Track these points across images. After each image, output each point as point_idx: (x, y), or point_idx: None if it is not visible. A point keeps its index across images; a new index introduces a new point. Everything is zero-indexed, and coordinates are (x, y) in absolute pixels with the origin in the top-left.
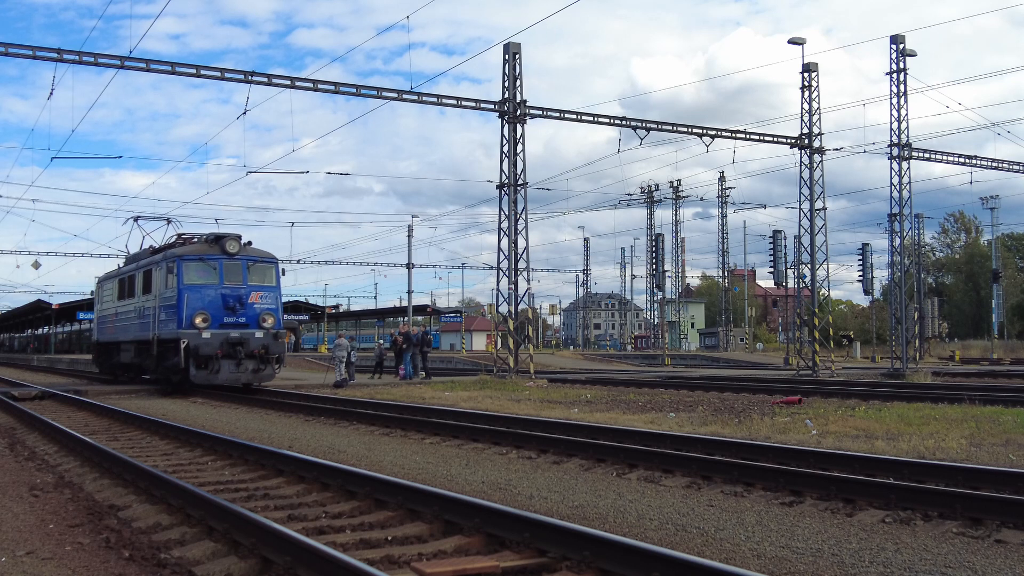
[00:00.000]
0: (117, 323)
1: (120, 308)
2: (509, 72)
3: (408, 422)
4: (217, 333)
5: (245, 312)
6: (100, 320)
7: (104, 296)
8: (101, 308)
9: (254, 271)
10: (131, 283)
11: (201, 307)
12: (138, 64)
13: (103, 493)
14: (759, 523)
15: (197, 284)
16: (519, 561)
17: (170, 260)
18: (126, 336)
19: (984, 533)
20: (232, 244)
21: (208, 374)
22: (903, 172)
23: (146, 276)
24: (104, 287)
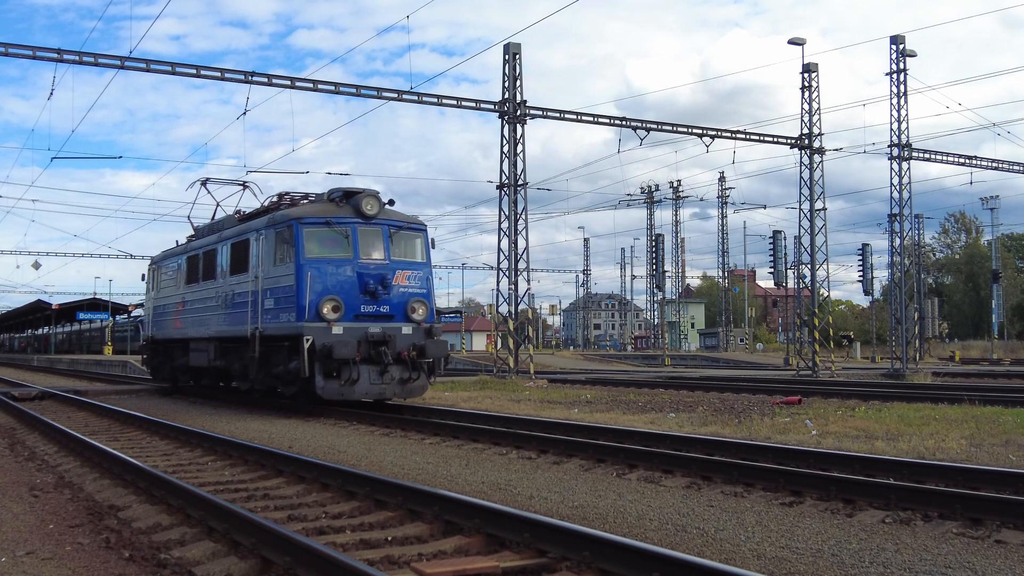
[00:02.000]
0: (186, 315)
1: (191, 295)
2: (509, 72)
3: (408, 422)
4: (353, 327)
5: (388, 298)
6: (156, 312)
7: (163, 281)
8: (157, 296)
9: (398, 241)
10: (210, 261)
11: (330, 291)
12: (138, 64)
13: (103, 493)
14: (759, 523)
15: (323, 259)
16: (519, 561)
17: (282, 225)
18: (201, 331)
19: (984, 533)
20: (370, 203)
21: (341, 385)
22: (903, 172)
23: (238, 250)
24: (162, 270)
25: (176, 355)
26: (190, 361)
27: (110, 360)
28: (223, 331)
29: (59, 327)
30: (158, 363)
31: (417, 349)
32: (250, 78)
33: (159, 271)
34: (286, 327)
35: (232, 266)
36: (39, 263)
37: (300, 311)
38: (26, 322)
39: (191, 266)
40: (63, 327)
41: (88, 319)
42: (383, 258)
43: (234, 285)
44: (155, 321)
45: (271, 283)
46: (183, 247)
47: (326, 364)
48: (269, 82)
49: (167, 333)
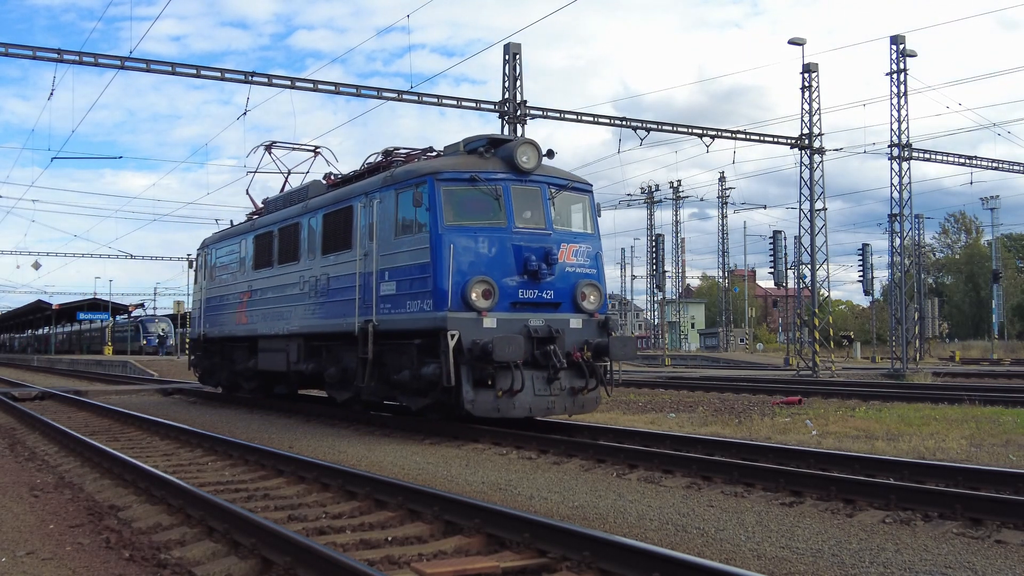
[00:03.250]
0: (254, 307)
1: (261, 282)
2: (509, 72)
3: (408, 422)
4: (508, 319)
5: (552, 281)
6: (210, 304)
7: (219, 268)
8: (210, 286)
9: (561, 205)
10: (290, 238)
11: (479, 270)
12: (138, 64)
13: (103, 493)
14: (759, 523)
15: (468, 227)
16: (519, 561)
17: (409, 183)
18: (277, 326)
19: (984, 533)
20: (527, 153)
21: (498, 398)
22: (903, 172)
23: (334, 222)
24: (218, 254)
25: (237, 356)
26: (259, 364)
27: (110, 360)
28: (311, 326)
29: (59, 327)
30: (211, 365)
31: (593, 348)
32: (250, 78)
33: (213, 256)
34: (418, 319)
35: (326, 242)
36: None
37: (440, 297)
38: (26, 322)
39: (261, 247)
40: (63, 327)
41: (88, 319)
42: (544, 227)
43: (329, 267)
44: (208, 316)
45: (390, 261)
46: (247, 225)
47: (476, 369)
48: (269, 82)
49: (225, 330)
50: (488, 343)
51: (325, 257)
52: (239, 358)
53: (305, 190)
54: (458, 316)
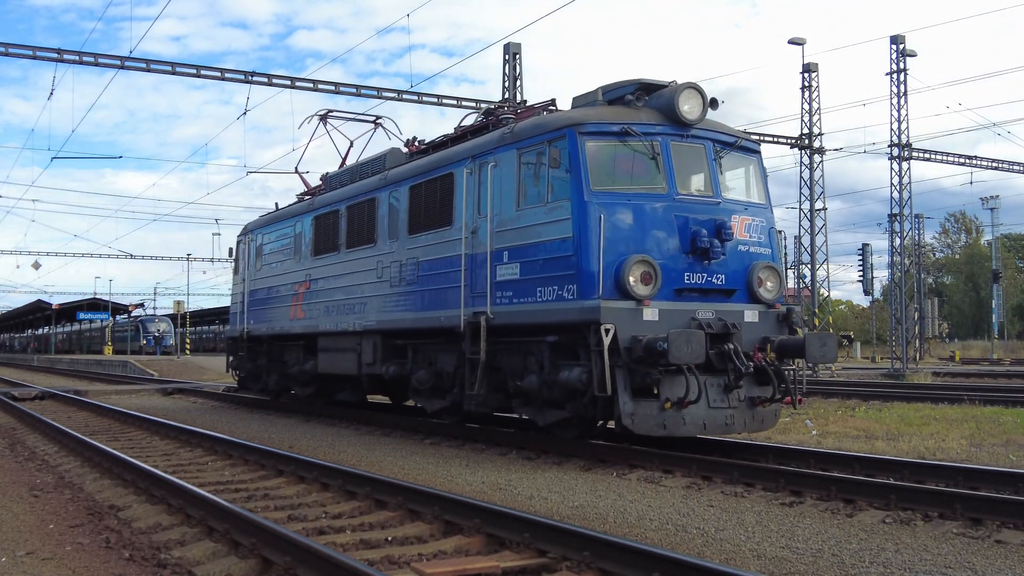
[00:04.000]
0: (313, 299)
1: (322, 270)
2: (509, 72)
3: (408, 422)
4: (672, 310)
5: (724, 262)
6: (255, 298)
7: (266, 254)
8: (256, 277)
9: (728, 169)
10: (362, 217)
11: (637, 247)
12: (138, 64)
13: (103, 493)
14: (759, 523)
15: (620, 193)
16: (519, 561)
17: (539, 139)
18: (345, 321)
19: (984, 533)
20: (690, 101)
21: (664, 410)
22: (903, 172)
23: (425, 194)
24: (265, 240)
25: (290, 357)
26: (319, 365)
27: (110, 360)
28: (394, 320)
29: (59, 327)
30: (255, 368)
31: (777, 348)
32: (250, 78)
33: (258, 242)
34: (553, 309)
35: (414, 220)
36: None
37: (587, 282)
38: (26, 322)
39: (323, 229)
40: (63, 327)
41: (88, 319)
42: (711, 194)
43: (420, 248)
44: (253, 311)
45: (512, 238)
46: (302, 204)
47: (637, 374)
48: (269, 82)
49: (275, 326)
50: (658, 340)
51: (413, 237)
52: (292, 359)
53: (381, 160)
54: (613, 306)
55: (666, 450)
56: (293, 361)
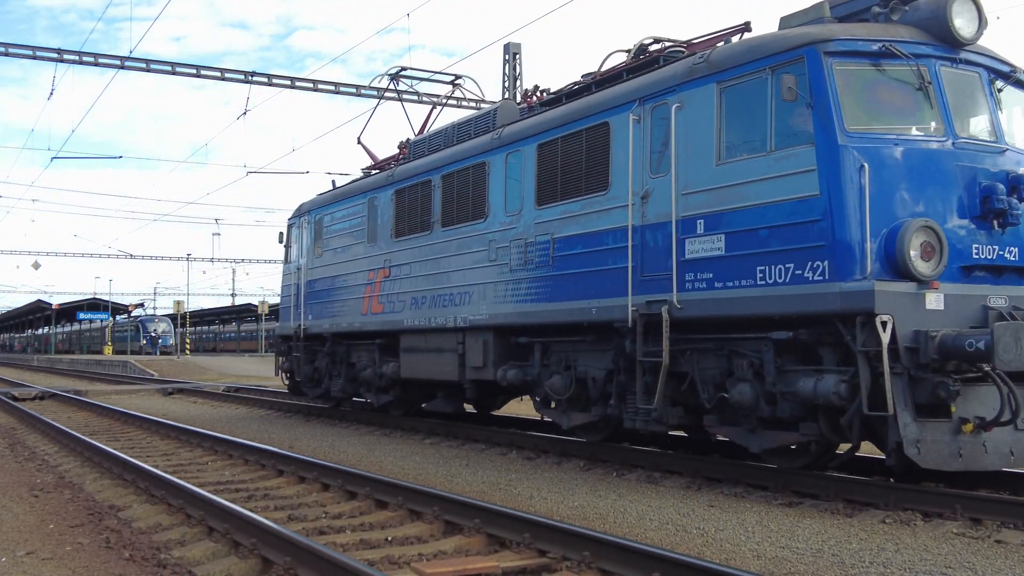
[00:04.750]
0: (397, 288)
1: (406, 253)
2: (509, 72)
3: (408, 422)
4: (960, 295)
5: (1018, 230)
6: (313, 289)
7: (328, 238)
8: (314, 265)
9: (1009, 104)
10: (470, 186)
11: (912, 208)
12: (138, 64)
13: (103, 493)
14: (759, 523)
15: (883, 136)
16: (519, 561)
17: (754, 67)
18: (443, 315)
19: (984, 533)
20: (965, 12)
21: (958, 435)
22: None
23: (566, 152)
24: (330, 220)
25: (360, 358)
26: (402, 369)
27: (110, 360)
28: (515, 313)
29: (59, 327)
30: (313, 371)
31: None
32: (250, 78)
33: (317, 225)
34: (789, 295)
35: (546, 186)
36: (39, 263)
37: (845, 256)
38: (26, 322)
39: (407, 204)
40: (63, 327)
41: (88, 319)
42: (994, 138)
43: (555, 222)
44: (311, 304)
45: (710, 201)
46: (379, 178)
47: (921, 384)
48: (269, 82)
49: (341, 322)
50: (967, 337)
51: (545, 208)
52: (363, 360)
53: (489, 117)
54: (889, 289)
55: (666, 450)
56: (365, 363)
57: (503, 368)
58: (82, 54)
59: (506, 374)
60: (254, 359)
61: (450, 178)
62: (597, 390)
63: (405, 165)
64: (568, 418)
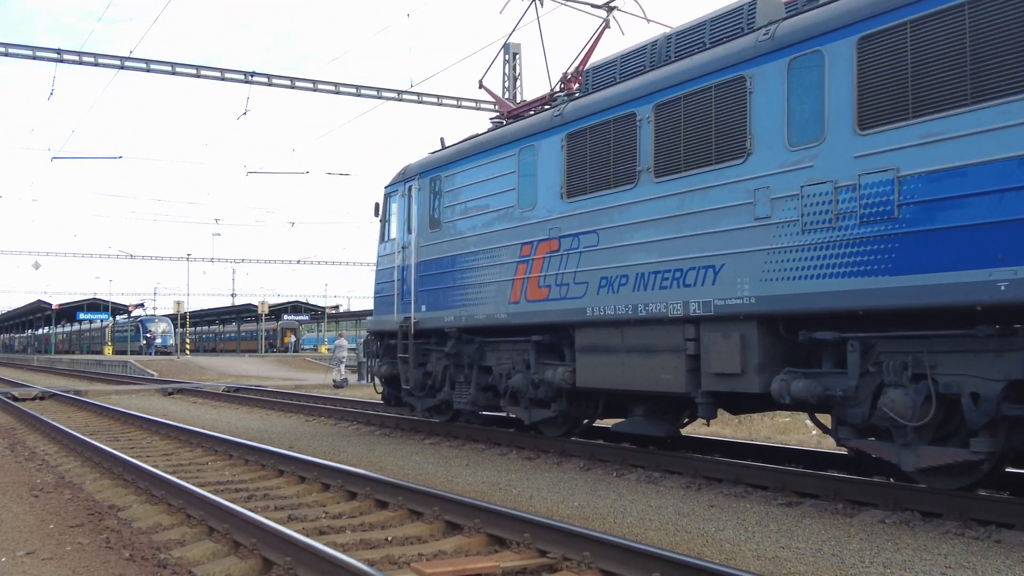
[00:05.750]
0: (567, 267)
1: (581, 220)
2: (509, 72)
3: (408, 422)
4: None
5: None
6: (427, 270)
7: (453, 205)
8: (431, 239)
9: None
10: (701, 118)
11: None
12: (138, 64)
13: (103, 493)
14: (759, 523)
15: None
16: (519, 561)
17: None
18: (659, 300)
19: (984, 533)
20: None
21: None
22: None
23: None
24: (452, 185)
25: (504, 360)
26: (579, 375)
27: (110, 360)
28: (814, 293)
29: (59, 327)
30: (423, 376)
31: None
32: (250, 78)
33: (435, 191)
34: None
35: (876, 100)
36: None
37: None
38: (26, 322)
39: (589, 152)
40: (63, 327)
41: (88, 319)
42: None
43: (912, 152)
44: (425, 291)
45: None
46: (537, 121)
47: None
48: (269, 82)
49: (477, 313)
50: None
51: (880, 131)
52: (507, 363)
53: (740, 14)
54: None
55: (666, 451)
56: (509, 367)
57: (781, 377)
58: (82, 54)
59: (789, 387)
60: (254, 359)
61: (671, 107)
62: (983, 415)
63: (581, 100)
64: (916, 456)
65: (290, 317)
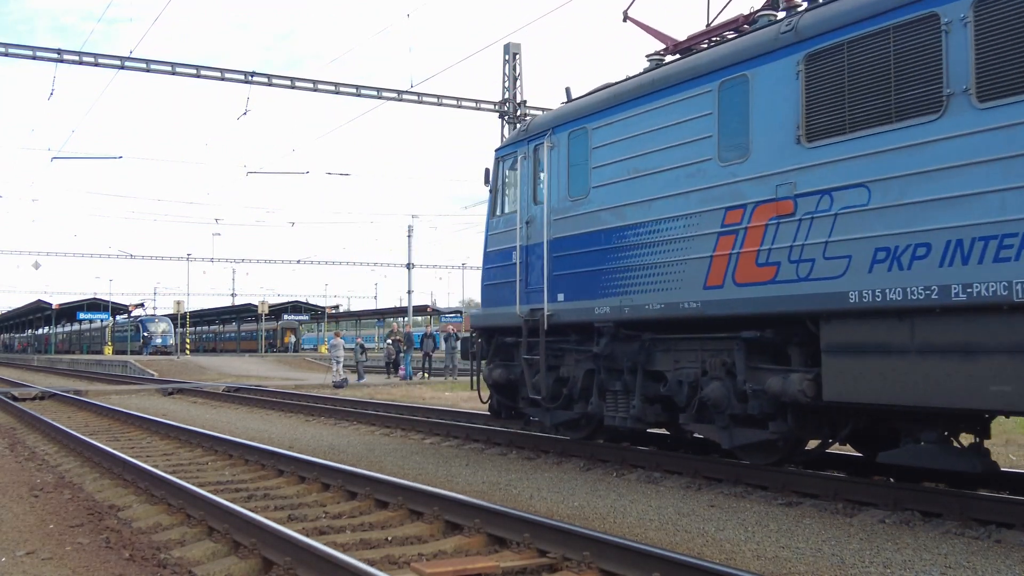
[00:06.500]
0: (805, 236)
1: (833, 173)
2: (509, 72)
3: (408, 422)
4: None
5: None
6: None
7: (610, 161)
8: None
9: None
10: None
11: None
12: (138, 64)
13: (103, 493)
14: (759, 523)
15: None
16: (519, 561)
17: None
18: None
19: (984, 533)
20: None
21: None
22: None
23: None
24: (602, 136)
25: (689, 364)
26: (826, 385)
27: (110, 360)
28: None
29: (59, 327)
30: (558, 381)
31: None
32: (250, 78)
33: (576, 149)
34: None
35: None
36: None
37: None
38: (26, 322)
39: (848, 78)
40: (63, 327)
41: (88, 319)
42: None
43: None
44: (565, 276)
45: None
46: (756, 41)
47: None
48: (269, 82)
49: (652, 301)
50: None
51: None
52: (686, 366)
53: None
54: None
55: (666, 450)
56: (697, 372)
57: None
58: (82, 54)
59: None
60: (254, 359)
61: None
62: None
63: (826, 7)
64: None
65: (290, 317)
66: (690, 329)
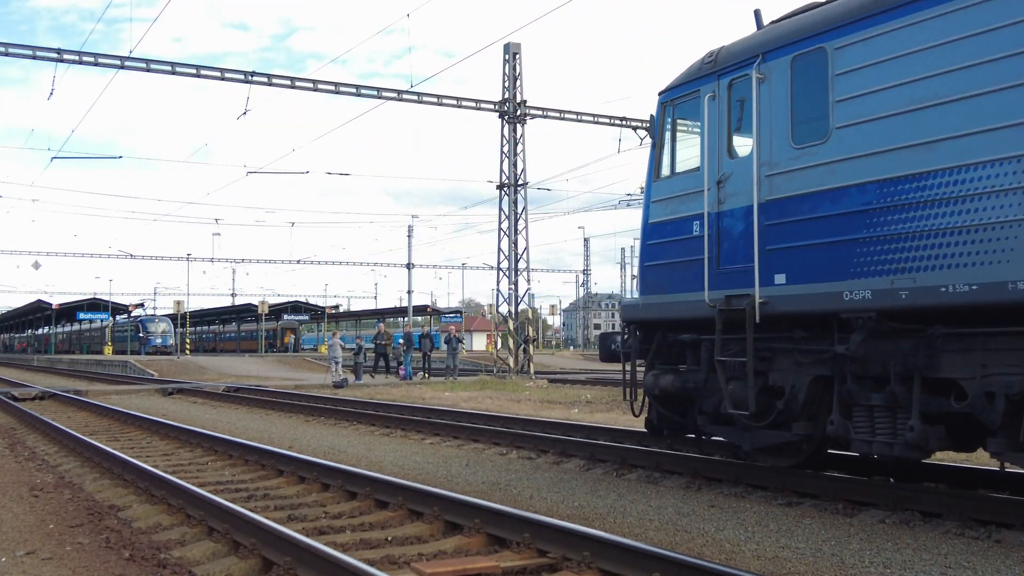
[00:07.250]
0: None
1: None
2: (509, 72)
3: (408, 422)
4: None
5: None
6: (790, 212)
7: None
8: (798, 161)
9: None
10: None
11: None
12: (138, 64)
13: (103, 493)
14: (759, 523)
15: None
16: (519, 561)
17: None
18: None
19: (984, 533)
20: None
21: None
22: None
23: None
24: (856, 58)
25: (993, 367)
26: None
27: (110, 360)
28: None
29: (59, 327)
30: (766, 390)
31: None
32: (250, 78)
33: (791, 82)
34: None
35: None
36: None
37: None
38: (26, 322)
39: None
40: (63, 327)
41: (88, 319)
42: None
43: None
44: (788, 252)
45: None
46: None
47: None
48: (269, 82)
49: (952, 281)
50: None
51: None
52: (1004, 371)
53: None
54: None
55: (666, 450)
56: (1014, 381)
57: None
58: (82, 54)
59: None
60: (254, 359)
61: None
62: None
63: None
64: None
65: (290, 317)
66: (1015, 320)
